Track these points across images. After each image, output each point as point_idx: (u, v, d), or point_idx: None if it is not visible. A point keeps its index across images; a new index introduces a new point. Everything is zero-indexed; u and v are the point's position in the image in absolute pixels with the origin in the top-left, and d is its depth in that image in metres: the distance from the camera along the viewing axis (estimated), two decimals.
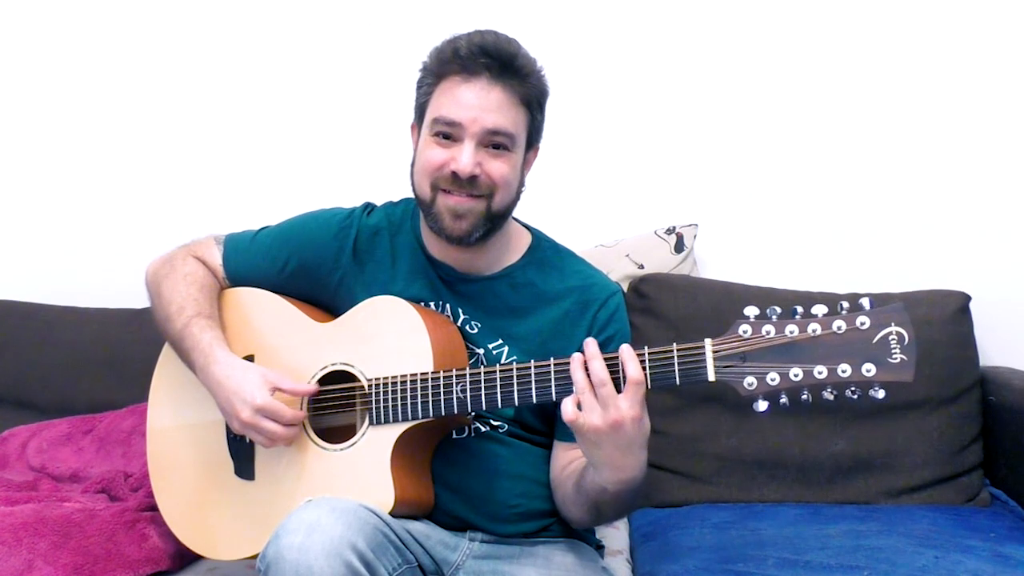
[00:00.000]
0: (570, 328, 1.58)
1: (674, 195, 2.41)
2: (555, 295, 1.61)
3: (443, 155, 1.51)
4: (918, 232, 2.33)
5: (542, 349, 1.54)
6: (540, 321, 1.59)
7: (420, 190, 1.56)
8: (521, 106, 1.52)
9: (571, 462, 1.54)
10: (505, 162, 1.52)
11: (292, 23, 2.54)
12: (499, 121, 1.49)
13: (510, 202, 1.56)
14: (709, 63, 2.40)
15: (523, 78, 1.51)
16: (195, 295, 1.65)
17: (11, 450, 2.14)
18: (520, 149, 1.55)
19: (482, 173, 1.50)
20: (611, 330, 1.59)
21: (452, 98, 1.50)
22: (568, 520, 1.58)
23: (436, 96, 1.53)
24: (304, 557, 1.26)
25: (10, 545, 1.64)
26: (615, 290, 1.64)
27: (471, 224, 1.52)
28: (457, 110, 1.49)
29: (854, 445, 2.06)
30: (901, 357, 1.23)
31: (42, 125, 2.66)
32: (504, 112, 1.50)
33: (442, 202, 1.53)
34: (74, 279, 2.58)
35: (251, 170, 2.56)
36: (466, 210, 1.52)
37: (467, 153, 1.49)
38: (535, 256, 1.65)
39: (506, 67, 1.50)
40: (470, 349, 1.59)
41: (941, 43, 2.32)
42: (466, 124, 1.49)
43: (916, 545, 1.74)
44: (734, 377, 1.28)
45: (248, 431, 1.53)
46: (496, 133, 1.50)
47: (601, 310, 1.60)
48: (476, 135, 1.49)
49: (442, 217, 1.53)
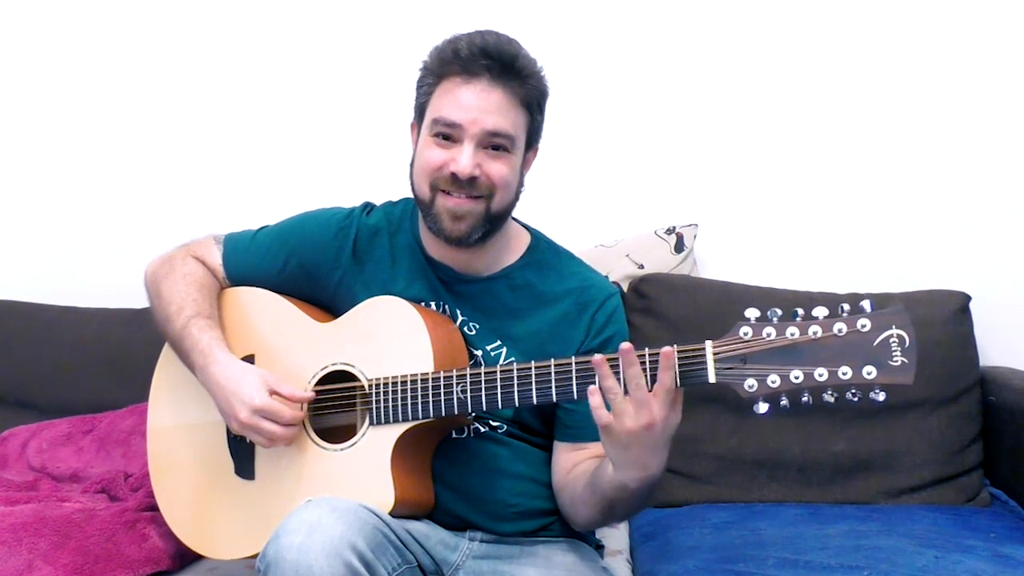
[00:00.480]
0: (568, 329, 1.58)
1: (674, 195, 2.41)
2: (553, 296, 1.60)
3: (442, 156, 1.51)
4: (918, 232, 2.33)
5: (540, 351, 1.54)
6: (538, 322, 1.59)
7: (419, 191, 1.56)
8: (521, 107, 1.52)
9: (576, 464, 1.54)
10: (504, 163, 1.52)
11: (292, 23, 2.54)
12: (499, 123, 1.49)
13: (509, 203, 1.56)
14: (709, 63, 2.40)
15: (523, 80, 1.51)
16: (194, 295, 1.65)
17: (11, 450, 2.14)
18: (519, 150, 1.55)
19: (481, 174, 1.50)
20: (609, 331, 1.59)
21: (452, 99, 1.50)
22: (574, 523, 1.57)
23: (436, 96, 1.53)
24: (304, 557, 1.26)
25: (10, 545, 1.64)
26: (613, 292, 1.63)
27: (470, 226, 1.52)
28: (457, 111, 1.49)
29: (854, 445, 2.06)
30: (902, 360, 1.23)
31: (42, 125, 2.66)
32: (504, 114, 1.50)
33: (441, 203, 1.52)
34: (74, 279, 2.58)
35: (251, 170, 2.56)
36: (465, 211, 1.51)
37: (466, 154, 1.49)
38: (534, 257, 1.64)
39: (507, 69, 1.49)
40: (468, 351, 1.59)
41: (941, 43, 2.32)
42: (466, 125, 1.49)
43: (916, 545, 1.74)
44: (735, 379, 1.28)
45: (247, 432, 1.53)
46: (496, 135, 1.50)
47: (599, 312, 1.59)
48: (476, 136, 1.49)
49: (441, 218, 1.53)
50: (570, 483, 1.53)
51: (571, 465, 1.55)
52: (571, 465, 1.55)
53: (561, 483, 1.56)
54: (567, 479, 1.54)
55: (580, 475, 1.51)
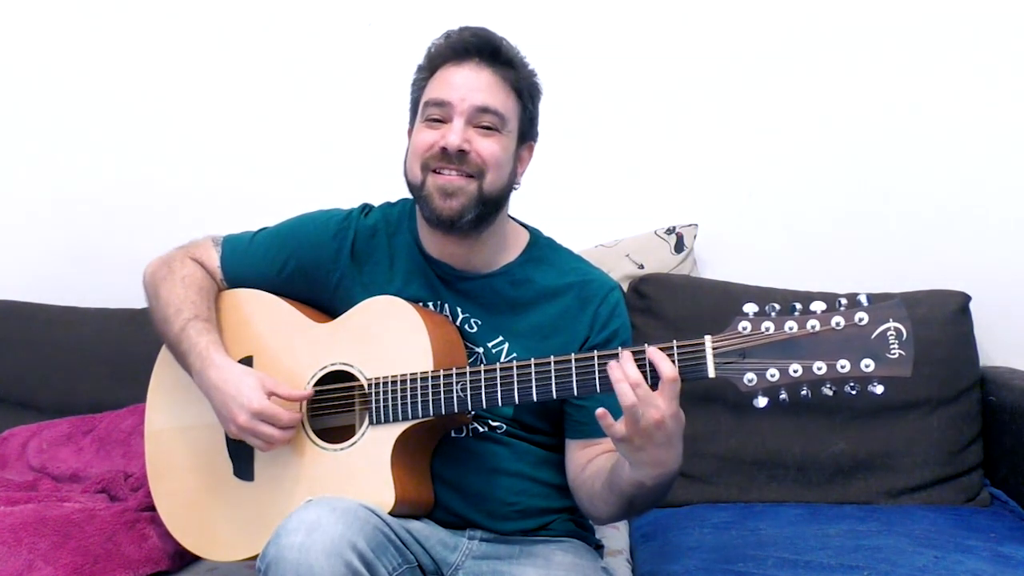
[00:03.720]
0: (570, 323, 1.59)
1: (674, 195, 2.41)
2: (554, 291, 1.61)
3: (433, 135, 1.53)
4: (918, 232, 2.33)
5: (542, 345, 1.55)
6: (540, 317, 1.59)
7: (412, 175, 1.57)
8: (512, 91, 1.55)
9: (590, 460, 1.54)
10: (495, 142, 1.53)
11: (291, 23, 2.54)
12: (488, 100, 1.52)
13: (502, 186, 1.56)
14: (709, 64, 2.40)
15: (512, 66, 1.55)
16: (193, 298, 1.65)
17: (11, 450, 2.14)
18: (512, 135, 1.56)
19: (472, 151, 1.52)
20: (614, 325, 1.60)
21: (442, 81, 1.54)
22: (594, 518, 1.58)
23: (428, 85, 1.56)
24: (304, 557, 1.26)
25: (10, 545, 1.64)
26: (614, 286, 1.64)
27: (462, 204, 1.52)
28: (447, 90, 1.52)
29: (854, 445, 2.06)
30: (899, 352, 1.24)
31: (42, 125, 2.66)
32: (494, 92, 1.53)
33: (432, 182, 1.53)
34: (74, 279, 2.58)
35: (250, 170, 2.56)
36: (456, 188, 1.52)
37: (456, 128, 1.51)
38: (533, 253, 1.65)
39: (495, 54, 1.54)
40: (469, 348, 1.59)
41: (941, 43, 2.32)
42: (455, 103, 1.52)
43: (916, 545, 1.75)
44: (734, 373, 1.29)
45: (245, 435, 1.53)
46: (485, 110, 1.52)
47: (602, 306, 1.60)
48: (465, 112, 1.51)
49: (432, 198, 1.53)
50: (587, 481, 1.53)
51: (585, 461, 1.55)
52: (585, 461, 1.55)
53: (577, 481, 1.55)
54: (583, 476, 1.54)
55: (596, 473, 1.50)
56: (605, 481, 1.46)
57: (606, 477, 1.46)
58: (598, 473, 1.50)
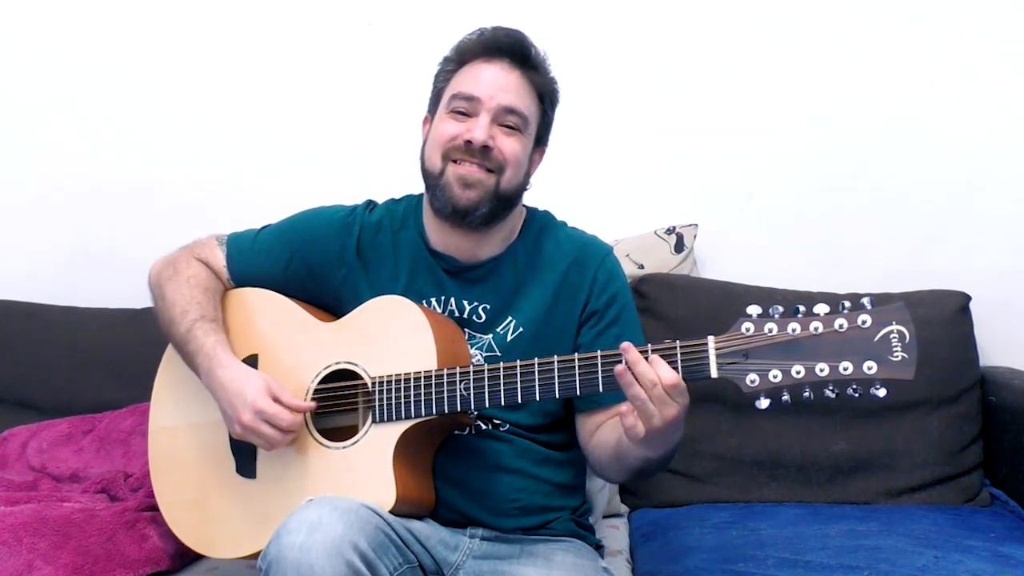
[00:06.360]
0: (572, 291, 1.62)
1: (674, 195, 2.42)
2: (552, 260, 1.64)
3: (458, 127, 1.56)
4: (918, 232, 2.33)
5: (548, 316, 1.60)
6: (542, 288, 1.62)
7: (430, 163, 1.59)
8: (536, 97, 1.60)
9: (599, 425, 1.58)
10: (517, 141, 1.58)
11: (293, 22, 2.54)
12: (515, 101, 1.56)
13: (517, 185, 1.60)
14: (709, 64, 2.40)
15: (539, 71, 1.59)
16: (199, 298, 1.66)
17: (11, 450, 2.14)
18: (530, 137, 1.60)
19: (495, 147, 1.55)
20: (612, 289, 1.63)
21: (472, 76, 1.57)
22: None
23: (456, 78, 1.59)
24: (306, 556, 1.27)
25: (10, 545, 1.63)
26: (608, 250, 1.69)
27: (479, 196, 1.56)
28: (477, 86, 1.56)
29: (854, 445, 2.06)
30: (902, 355, 1.25)
31: (42, 125, 2.65)
32: (521, 95, 1.57)
33: (452, 171, 1.56)
34: (74, 279, 2.58)
35: (252, 169, 2.56)
36: (476, 180, 1.55)
37: (482, 124, 1.55)
38: (531, 228, 1.68)
39: (526, 58, 1.58)
40: (478, 337, 1.60)
41: (941, 43, 2.32)
42: (484, 100, 1.55)
43: (916, 545, 1.75)
44: (736, 374, 1.30)
45: (248, 435, 1.53)
46: (512, 111, 1.56)
47: (600, 270, 1.64)
48: (492, 111, 1.55)
49: (451, 186, 1.56)
50: (596, 447, 1.56)
51: (595, 427, 1.58)
52: (595, 427, 1.58)
53: (588, 447, 1.59)
54: (592, 442, 1.58)
55: (604, 442, 1.54)
56: (612, 455, 1.51)
57: (612, 450, 1.50)
58: (604, 445, 1.53)
